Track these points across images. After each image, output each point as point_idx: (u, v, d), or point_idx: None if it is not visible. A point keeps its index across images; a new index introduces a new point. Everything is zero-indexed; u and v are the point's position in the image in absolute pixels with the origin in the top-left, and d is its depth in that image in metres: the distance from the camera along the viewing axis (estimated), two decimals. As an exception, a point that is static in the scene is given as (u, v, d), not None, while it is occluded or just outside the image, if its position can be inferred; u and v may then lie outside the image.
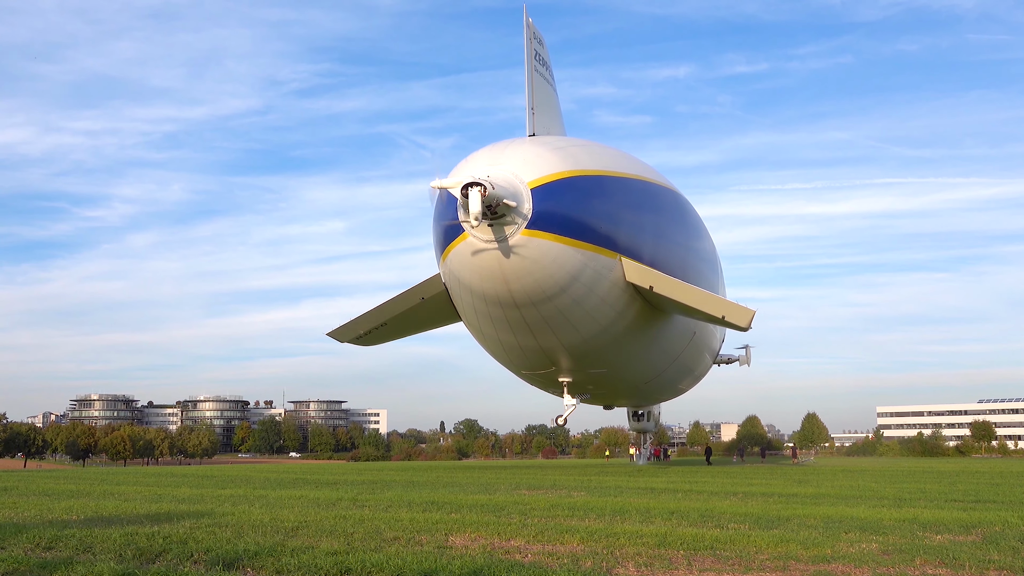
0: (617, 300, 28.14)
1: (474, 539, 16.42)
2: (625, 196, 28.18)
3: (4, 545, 15.09)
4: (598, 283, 27.14)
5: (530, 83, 27.96)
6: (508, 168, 24.93)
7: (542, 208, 24.72)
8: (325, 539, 16.06)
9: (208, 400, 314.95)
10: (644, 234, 29.05)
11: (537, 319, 28.20)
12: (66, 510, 22.24)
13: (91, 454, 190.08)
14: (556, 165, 25.50)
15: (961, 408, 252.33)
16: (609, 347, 31.11)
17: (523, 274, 25.87)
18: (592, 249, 26.28)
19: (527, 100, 28.04)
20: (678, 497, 28.93)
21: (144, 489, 32.49)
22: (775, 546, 15.60)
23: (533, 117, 27.98)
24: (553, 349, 30.89)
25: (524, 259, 25.40)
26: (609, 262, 26.87)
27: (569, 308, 27.68)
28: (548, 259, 25.54)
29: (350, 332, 35.54)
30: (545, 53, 29.35)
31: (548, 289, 26.57)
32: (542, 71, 28.91)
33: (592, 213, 26.39)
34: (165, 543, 15.11)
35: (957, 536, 17.89)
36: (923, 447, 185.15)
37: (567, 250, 25.66)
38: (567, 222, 25.41)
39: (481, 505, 24.40)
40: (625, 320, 29.38)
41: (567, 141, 28.14)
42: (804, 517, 21.38)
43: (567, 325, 28.79)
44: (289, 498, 27.31)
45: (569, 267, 26.06)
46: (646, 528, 18.35)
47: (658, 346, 34.08)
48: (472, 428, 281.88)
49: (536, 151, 25.99)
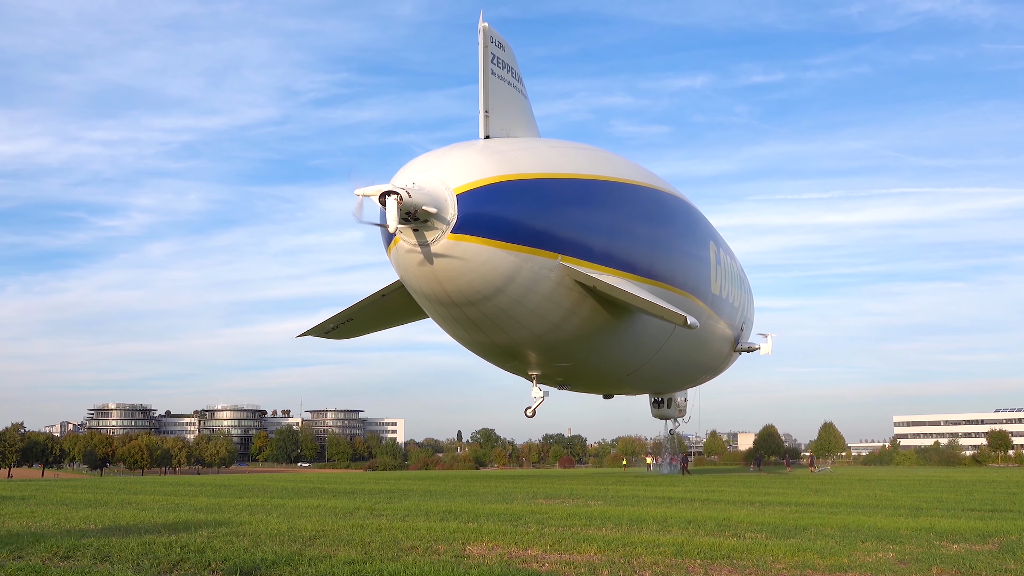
0: (564, 298, 28.63)
1: (491, 548, 16.44)
2: (570, 197, 28.69)
3: (22, 554, 15.13)
4: (538, 283, 27.66)
5: (484, 86, 28.45)
6: (436, 175, 25.62)
7: (467, 213, 25.36)
8: (343, 548, 16.09)
9: (225, 409, 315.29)
10: (595, 233, 29.44)
11: (481, 317, 28.87)
12: (84, 519, 22.31)
13: (108, 463, 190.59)
14: (488, 170, 26.14)
15: (978, 417, 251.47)
16: (570, 342, 31.55)
17: (454, 276, 26.55)
18: (526, 251, 26.80)
19: (480, 103, 28.54)
20: (695, 506, 28.91)
21: (161, 498, 32.57)
22: (792, 555, 15.58)
23: (487, 120, 28.45)
24: (509, 345, 31.62)
25: (452, 262, 26.03)
26: (548, 262, 27.38)
27: (511, 307, 28.25)
28: (477, 261, 26.16)
29: (319, 329, 36.68)
30: (508, 57, 29.64)
31: (483, 289, 27.20)
32: (502, 74, 29.24)
33: (525, 215, 26.95)
34: (183, 552, 15.17)
35: (974, 545, 17.86)
36: (940, 456, 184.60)
37: (497, 252, 26.24)
38: (496, 225, 26.03)
39: (498, 514, 24.41)
40: (579, 316, 29.79)
41: (516, 144, 28.59)
42: (821, 526, 21.35)
43: (513, 323, 29.34)
44: (306, 507, 27.36)
45: (502, 268, 26.63)
46: (663, 537, 18.35)
47: (631, 340, 33.99)
48: (489, 437, 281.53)
49: (470, 157, 26.67)
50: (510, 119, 29.47)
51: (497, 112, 28.81)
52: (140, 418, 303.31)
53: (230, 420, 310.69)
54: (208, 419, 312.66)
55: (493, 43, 28.80)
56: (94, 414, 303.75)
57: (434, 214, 25.00)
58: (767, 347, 54.16)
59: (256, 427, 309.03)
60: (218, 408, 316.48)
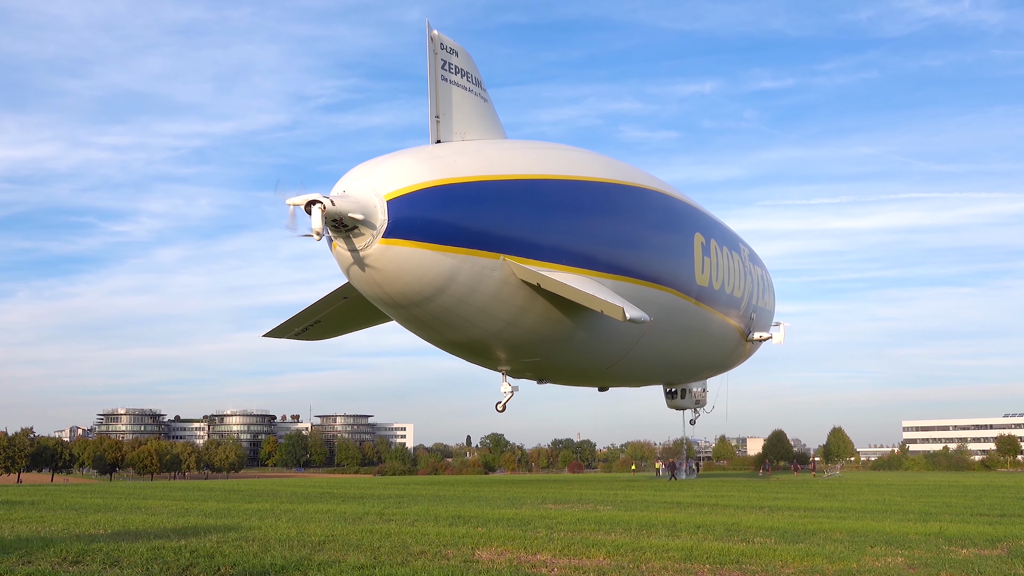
0: (513, 296, 28.99)
1: (500, 553, 16.46)
2: (514, 197, 29.05)
3: (32, 559, 15.18)
4: (482, 282, 28.24)
5: (434, 92, 28.91)
6: (369, 182, 26.38)
7: (398, 218, 26.08)
8: (352, 553, 16.11)
9: (235, 414, 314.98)
10: (544, 231, 29.67)
11: (428, 317, 29.65)
12: (93, 524, 22.36)
13: (118, 468, 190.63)
14: (422, 175, 26.86)
15: (986, 422, 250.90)
16: (529, 338, 31.78)
17: (391, 279, 27.28)
18: (465, 252, 27.45)
19: (430, 109, 28.92)
20: (704, 511, 28.90)
21: (171, 503, 32.63)
22: (801, 560, 15.59)
23: (437, 125, 28.88)
24: (466, 343, 32.34)
25: (386, 266, 26.77)
26: (490, 263, 27.95)
27: (456, 306, 28.84)
28: (412, 264, 26.83)
29: (286, 330, 36.94)
30: (463, 62, 30.03)
31: (422, 291, 27.86)
32: (456, 79, 29.63)
33: (462, 217, 27.58)
34: (192, 557, 15.21)
35: (983, 550, 17.84)
36: (948, 461, 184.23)
37: (432, 255, 26.89)
38: (429, 228, 26.71)
39: (507, 519, 24.42)
40: (534, 313, 30.07)
41: (461, 148, 29.11)
42: (830, 531, 21.34)
43: (463, 321, 29.94)
44: (316, 512, 27.38)
45: (439, 270, 27.25)
46: (672, 542, 18.35)
47: (598, 334, 33.97)
48: (498, 442, 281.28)
49: (406, 163, 27.34)
50: (465, 123, 29.85)
51: (450, 116, 29.22)
52: (149, 423, 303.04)
53: (239, 425, 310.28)
54: (217, 424, 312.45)
55: (444, 50, 29.36)
56: (103, 419, 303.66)
57: (362, 221, 25.75)
58: (779, 336, 54.15)
59: (265, 432, 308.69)
60: (227, 413, 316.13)
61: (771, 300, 55.15)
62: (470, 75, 30.46)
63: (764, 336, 52.49)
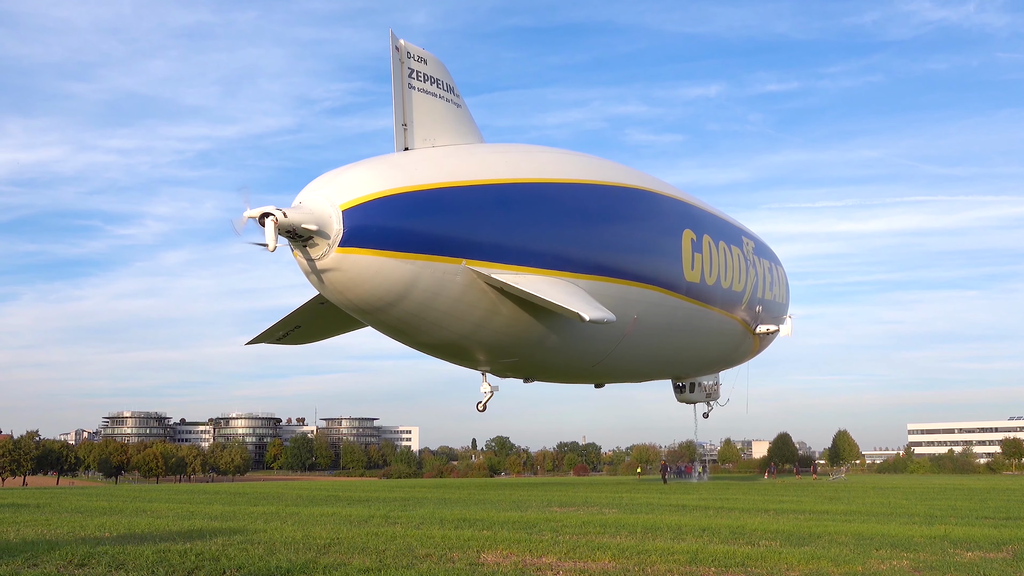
0: (480, 299, 29.25)
1: (506, 556, 16.47)
2: (477, 202, 29.32)
3: (37, 562, 15.20)
4: (445, 287, 28.51)
5: (401, 100, 29.18)
6: (326, 193, 26.80)
7: (353, 227, 26.43)
8: (357, 556, 16.13)
9: (240, 417, 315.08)
10: (509, 234, 29.90)
11: (395, 321, 29.97)
12: (99, 527, 22.38)
13: (123, 471, 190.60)
14: (379, 185, 27.15)
15: (992, 425, 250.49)
16: (501, 339, 31.89)
17: (351, 286, 27.60)
18: (424, 258, 27.70)
19: (398, 117, 29.22)
20: (709, 514, 28.88)
21: (176, 506, 32.64)
22: (806, 563, 15.59)
23: (405, 132, 29.17)
24: (439, 345, 32.78)
25: (344, 274, 27.09)
26: (452, 268, 28.25)
27: (421, 311, 29.11)
28: (370, 272, 27.17)
29: (269, 336, 37.21)
30: (434, 69, 30.35)
31: (383, 296, 28.15)
32: (426, 87, 29.91)
33: (421, 224, 27.88)
34: (198, 560, 15.23)
35: (988, 553, 17.84)
36: (954, 464, 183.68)
37: (390, 262, 27.18)
38: (386, 236, 26.99)
39: (513, 522, 24.43)
40: (503, 314, 30.25)
41: (425, 155, 29.42)
42: (835, 534, 21.34)
43: (430, 325, 30.21)
44: (321, 515, 27.40)
45: (398, 276, 27.54)
46: (677, 545, 18.35)
47: (574, 334, 33.93)
48: (504, 445, 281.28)
49: (363, 173, 27.68)
50: (435, 129, 30.14)
51: (420, 124, 29.54)
52: (155, 426, 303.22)
53: (245, 428, 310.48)
54: (223, 427, 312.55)
55: (412, 58, 29.72)
56: (109, 422, 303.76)
57: (315, 231, 26.17)
58: (787, 328, 54.04)
59: (271, 435, 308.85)
60: (233, 416, 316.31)
61: (782, 292, 54.95)
62: (440, 82, 30.76)
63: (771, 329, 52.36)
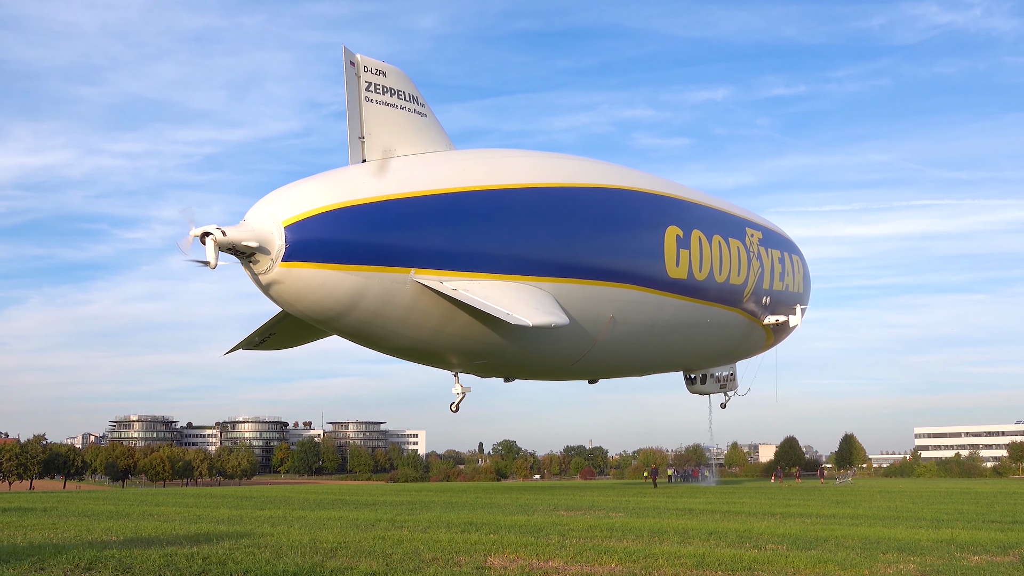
0: (434, 306, 29.50)
1: (513, 560, 16.47)
2: (425, 212, 29.62)
3: (44, 566, 15.22)
4: (395, 296, 28.74)
5: (358, 114, 29.50)
6: (268, 211, 27.23)
7: (296, 241, 26.86)
8: (364, 560, 16.13)
9: (247, 421, 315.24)
10: (461, 242, 30.11)
11: (350, 330, 30.35)
12: (105, 531, 22.40)
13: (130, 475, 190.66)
14: (323, 200, 27.56)
15: (998, 429, 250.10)
16: (463, 344, 32.16)
17: (298, 298, 27.98)
18: (370, 269, 27.97)
19: (353, 130, 29.56)
20: (716, 518, 28.87)
21: (183, 510, 32.68)
22: (813, 567, 15.58)
23: (362, 145, 29.44)
24: (401, 349, 33.12)
25: (290, 287, 27.50)
26: (400, 277, 28.46)
27: (374, 319, 29.35)
28: (315, 284, 27.54)
29: (247, 344, 37.60)
30: (395, 80, 30.61)
31: (332, 307, 28.44)
32: (385, 99, 30.20)
33: (365, 236, 28.16)
34: (204, 564, 15.25)
35: (995, 557, 17.82)
36: (961, 468, 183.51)
37: (334, 274, 27.54)
38: (329, 249, 27.40)
39: (519, 526, 24.43)
40: (461, 320, 30.38)
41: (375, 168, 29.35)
42: (842, 538, 21.32)
43: (386, 333, 30.50)
44: (328, 519, 27.43)
45: (345, 287, 27.86)
46: (684, 549, 18.35)
47: (540, 334, 33.89)
48: (511, 449, 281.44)
49: (308, 189, 28.11)
50: (395, 140, 30.42)
51: (379, 135, 29.88)
52: (162, 430, 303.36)
53: (252, 432, 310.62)
54: (230, 431, 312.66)
55: (369, 71, 30.02)
56: (116, 426, 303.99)
57: (256, 248, 26.71)
58: (796, 318, 54.00)
59: (278, 439, 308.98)
60: (240, 420, 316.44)
61: (797, 281, 54.59)
62: (402, 93, 31.00)
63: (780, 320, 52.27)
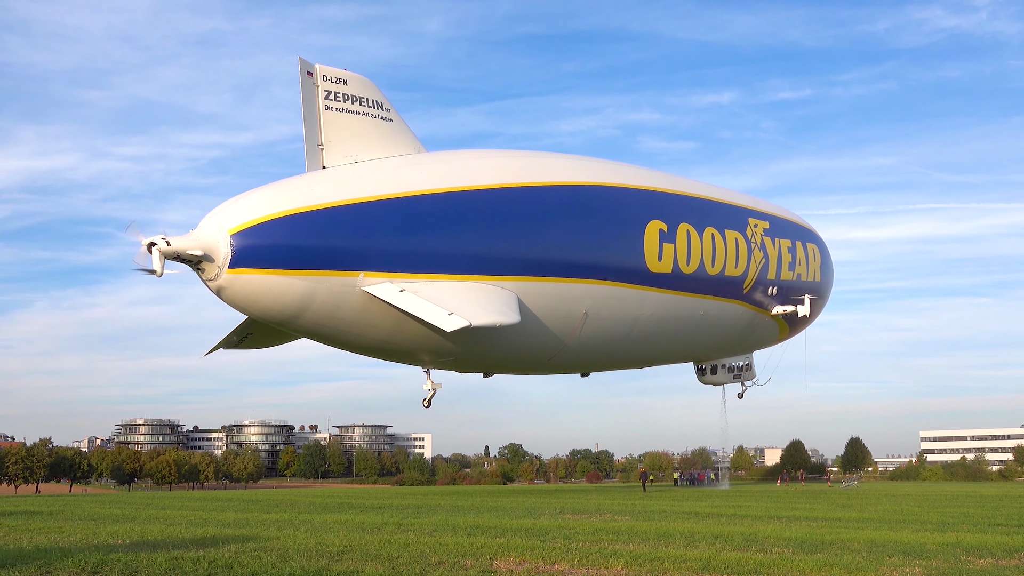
0: (388, 309, 29.48)
1: (519, 563, 16.49)
2: (376, 216, 29.81)
3: (50, 569, 15.27)
4: (345, 298, 28.92)
5: (315, 122, 29.89)
6: (216, 219, 27.46)
7: (241, 248, 27.13)
8: (370, 563, 16.16)
9: (253, 425, 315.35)
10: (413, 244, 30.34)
11: (307, 331, 30.41)
12: (112, 534, 22.47)
13: (136, 479, 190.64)
14: (270, 207, 27.85)
15: (1004, 432, 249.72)
16: (425, 343, 32.21)
17: (248, 302, 28.26)
18: (317, 273, 28.22)
19: (310, 138, 29.91)
20: (722, 522, 28.88)
21: (189, 513, 32.74)
22: (819, 570, 15.58)
23: (321, 152, 29.84)
24: (365, 348, 33.04)
25: (239, 292, 27.73)
26: (349, 280, 28.56)
27: (327, 321, 29.57)
28: (263, 289, 27.82)
29: (226, 343, 37.87)
30: (358, 88, 30.89)
31: (283, 311, 28.67)
32: (347, 106, 30.50)
33: (310, 241, 28.39)
34: (211, 567, 15.28)
35: (1000, 560, 17.81)
36: (966, 471, 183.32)
37: (282, 279, 27.83)
38: (274, 255, 27.67)
39: (526, 529, 24.46)
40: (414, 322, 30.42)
41: (331, 174, 29.94)
42: (848, 541, 21.32)
43: (343, 334, 30.70)
44: (334, 522, 27.46)
45: (293, 292, 28.15)
46: (690, 552, 18.36)
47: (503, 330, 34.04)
48: (517, 452, 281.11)
49: (260, 197, 28.34)
50: (357, 145, 30.74)
51: (339, 142, 30.25)
52: (168, 433, 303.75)
53: (258, 435, 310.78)
54: (236, 434, 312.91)
55: (328, 80, 30.38)
56: (122, 429, 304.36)
57: (201, 256, 27.04)
58: (805, 308, 54.05)
59: (284, 442, 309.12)
60: (246, 423, 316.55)
61: (812, 271, 54.43)
62: (365, 99, 31.31)
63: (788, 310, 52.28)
